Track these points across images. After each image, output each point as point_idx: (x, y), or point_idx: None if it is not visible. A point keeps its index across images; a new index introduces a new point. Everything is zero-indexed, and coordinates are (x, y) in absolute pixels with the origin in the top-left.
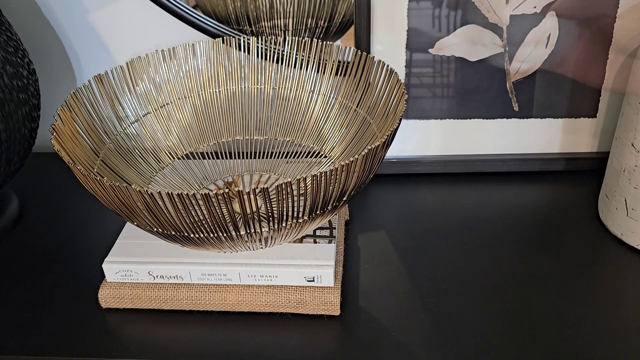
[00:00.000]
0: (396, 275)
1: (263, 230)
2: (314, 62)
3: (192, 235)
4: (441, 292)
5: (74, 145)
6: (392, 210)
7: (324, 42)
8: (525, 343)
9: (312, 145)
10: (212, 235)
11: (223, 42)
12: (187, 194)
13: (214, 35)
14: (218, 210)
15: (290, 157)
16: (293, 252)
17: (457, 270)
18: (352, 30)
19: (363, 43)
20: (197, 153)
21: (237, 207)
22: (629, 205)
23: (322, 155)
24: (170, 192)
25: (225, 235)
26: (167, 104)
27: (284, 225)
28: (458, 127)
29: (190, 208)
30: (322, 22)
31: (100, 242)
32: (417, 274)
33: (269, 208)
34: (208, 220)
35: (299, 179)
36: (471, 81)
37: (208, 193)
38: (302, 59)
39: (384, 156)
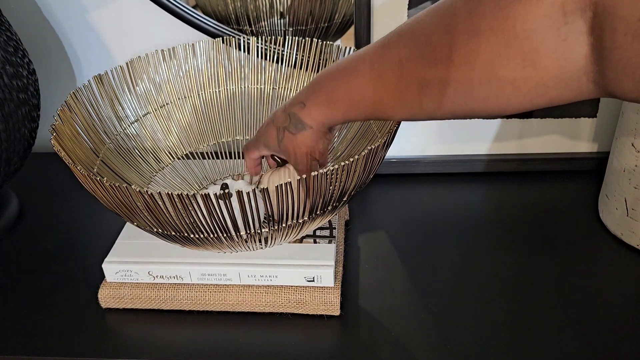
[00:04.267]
0: (396, 275)
1: (263, 230)
2: (314, 62)
3: (192, 236)
4: (441, 292)
5: (74, 145)
6: (392, 210)
7: (324, 42)
8: (526, 343)
9: None
10: (212, 235)
11: (223, 42)
12: (187, 194)
13: (214, 35)
14: (218, 211)
15: None
16: (293, 252)
17: (457, 270)
18: (352, 30)
19: (363, 43)
20: (197, 153)
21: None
22: (629, 205)
23: None
24: (170, 193)
25: (225, 235)
26: (167, 104)
27: (284, 225)
28: (458, 127)
29: (190, 208)
30: (322, 22)
31: (100, 242)
32: (417, 274)
33: (269, 208)
34: (208, 220)
35: (299, 179)
36: None
37: (208, 193)
38: (302, 59)
39: (384, 156)
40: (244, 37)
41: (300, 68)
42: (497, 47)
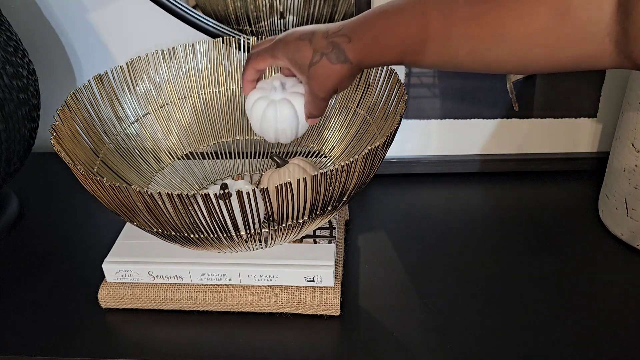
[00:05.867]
0: (396, 275)
1: (263, 230)
2: None
3: (192, 236)
4: (441, 292)
5: (74, 145)
6: (392, 210)
7: None
8: (526, 343)
9: (312, 145)
10: (212, 235)
11: (223, 42)
12: (187, 194)
13: (214, 35)
14: (218, 211)
15: (290, 157)
16: (293, 252)
17: (457, 270)
18: None
19: None
20: (197, 153)
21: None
22: (629, 205)
23: (322, 155)
24: (170, 193)
25: (225, 235)
26: (167, 104)
27: (284, 225)
28: (458, 127)
29: (190, 208)
30: (322, 22)
31: (100, 242)
32: (417, 274)
33: (269, 208)
34: (208, 220)
35: (299, 179)
36: (471, 81)
37: (208, 193)
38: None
39: (384, 156)
40: (244, 37)
41: None
42: None
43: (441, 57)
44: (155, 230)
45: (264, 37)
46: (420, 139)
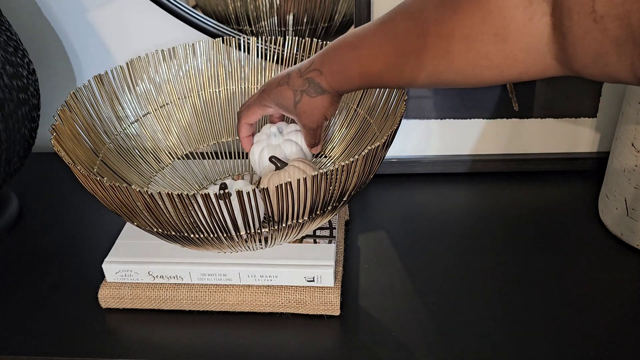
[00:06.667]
0: (396, 275)
1: (263, 230)
2: None
3: (192, 236)
4: (441, 292)
5: (74, 145)
6: (392, 210)
7: (324, 42)
8: (525, 343)
9: None
10: (212, 235)
11: (223, 42)
12: (187, 194)
13: (214, 35)
14: (218, 211)
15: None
16: (293, 252)
17: (457, 270)
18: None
19: None
20: (197, 153)
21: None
22: (629, 205)
23: (322, 155)
24: (170, 193)
25: (225, 235)
26: (167, 104)
27: (284, 225)
28: (458, 127)
29: (190, 208)
30: (322, 22)
31: (100, 242)
32: (417, 274)
33: (269, 208)
34: (208, 220)
35: (299, 179)
36: None
37: (208, 193)
38: (302, 59)
39: (384, 156)
40: (244, 37)
41: None
42: (474, 21)
43: (402, 83)
44: (155, 230)
45: (264, 37)
46: (420, 139)
